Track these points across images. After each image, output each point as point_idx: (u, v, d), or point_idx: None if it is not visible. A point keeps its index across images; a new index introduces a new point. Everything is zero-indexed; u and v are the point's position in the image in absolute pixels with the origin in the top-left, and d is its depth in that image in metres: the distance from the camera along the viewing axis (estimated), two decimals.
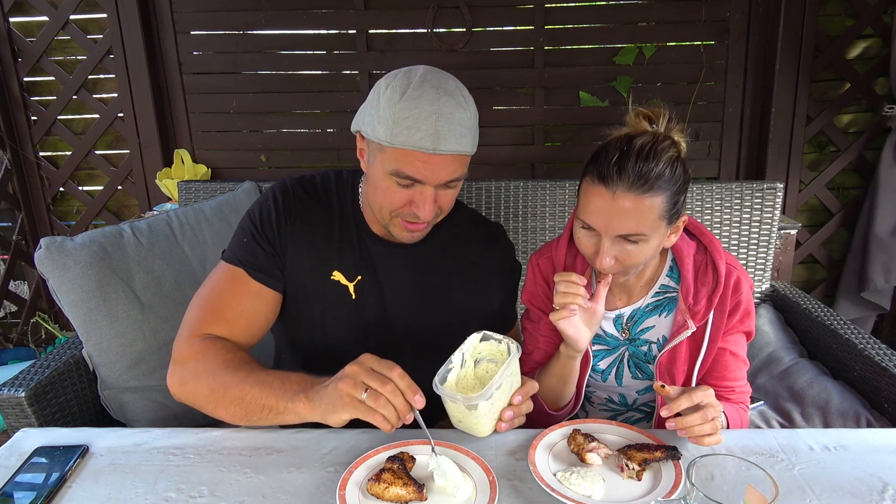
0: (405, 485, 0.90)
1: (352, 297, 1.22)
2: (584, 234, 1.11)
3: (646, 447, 0.99)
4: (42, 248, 1.45)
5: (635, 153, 1.03)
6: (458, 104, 1.05)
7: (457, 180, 1.09)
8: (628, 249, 1.07)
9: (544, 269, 1.28)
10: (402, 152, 1.03)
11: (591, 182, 1.07)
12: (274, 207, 1.19)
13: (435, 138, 1.02)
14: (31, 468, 0.99)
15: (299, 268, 1.20)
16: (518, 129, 2.79)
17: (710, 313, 1.16)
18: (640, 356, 1.25)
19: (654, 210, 1.04)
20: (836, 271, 2.85)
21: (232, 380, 1.06)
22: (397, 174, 1.06)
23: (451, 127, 1.03)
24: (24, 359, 2.84)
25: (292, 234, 1.19)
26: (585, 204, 1.09)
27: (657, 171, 1.03)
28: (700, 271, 1.19)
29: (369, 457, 1.00)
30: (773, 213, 1.98)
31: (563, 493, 0.91)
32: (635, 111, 1.12)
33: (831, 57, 2.58)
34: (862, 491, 0.94)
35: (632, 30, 2.64)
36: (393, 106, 1.03)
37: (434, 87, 1.04)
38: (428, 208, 1.08)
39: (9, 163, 2.80)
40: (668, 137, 1.07)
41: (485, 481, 0.94)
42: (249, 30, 2.70)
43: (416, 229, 1.13)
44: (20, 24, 2.73)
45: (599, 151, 1.08)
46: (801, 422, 1.65)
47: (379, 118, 1.05)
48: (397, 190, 1.08)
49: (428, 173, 1.05)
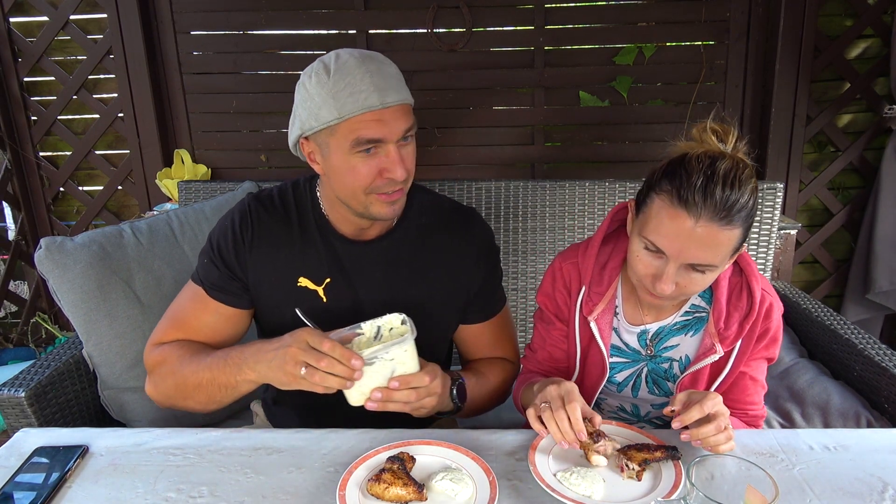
0: (405, 485, 0.90)
1: (322, 300, 1.22)
2: (647, 255, 1.05)
3: (646, 447, 0.99)
4: (42, 248, 1.46)
5: (721, 180, 0.97)
6: (381, 61, 1.08)
7: (409, 130, 1.10)
8: (693, 277, 1.03)
9: (567, 275, 1.23)
10: (355, 120, 1.04)
11: (670, 204, 0.99)
12: (231, 230, 1.22)
13: (379, 93, 1.03)
14: (31, 468, 0.99)
15: (265, 283, 1.22)
16: (518, 129, 2.79)
17: (739, 339, 1.12)
18: (659, 372, 1.21)
19: (731, 242, 1.00)
20: (837, 272, 2.85)
21: (189, 370, 1.13)
22: (357, 143, 1.06)
23: (388, 80, 1.05)
24: (24, 359, 2.84)
25: (251, 253, 1.21)
26: (658, 225, 1.01)
27: (742, 203, 0.97)
28: (734, 294, 1.14)
29: (369, 457, 1.00)
30: (773, 213, 1.98)
31: (563, 494, 0.91)
32: (703, 125, 1.05)
33: (831, 57, 2.58)
34: (862, 491, 0.94)
35: (632, 30, 2.64)
36: (325, 86, 1.05)
37: (351, 55, 1.07)
38: (399, 167, 1.08)
39: (9, 163, 2.80)
40: (747, 164, 1.02)
41: (485, 481, 0.94)
42: (249, 30, 2.70)
43: (395, 198, 1.13)
44: (20, 24, 2.73)
45: (677, 171, 1.01)
46: (802, 422, 1.65)
47: (317, 105, 1.06)
48: (363, 163, 1.07)
49: (385, 130, 1.05)
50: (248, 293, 1.23)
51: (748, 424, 1.20)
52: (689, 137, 1.07)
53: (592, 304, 1.19)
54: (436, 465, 0.99)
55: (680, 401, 1.00)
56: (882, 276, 2.59)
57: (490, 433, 1.10)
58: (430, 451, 1.02)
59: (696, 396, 1.00)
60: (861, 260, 2.70)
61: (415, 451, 1.01)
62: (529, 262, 2.02)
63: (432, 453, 1.02)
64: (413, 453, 1.00)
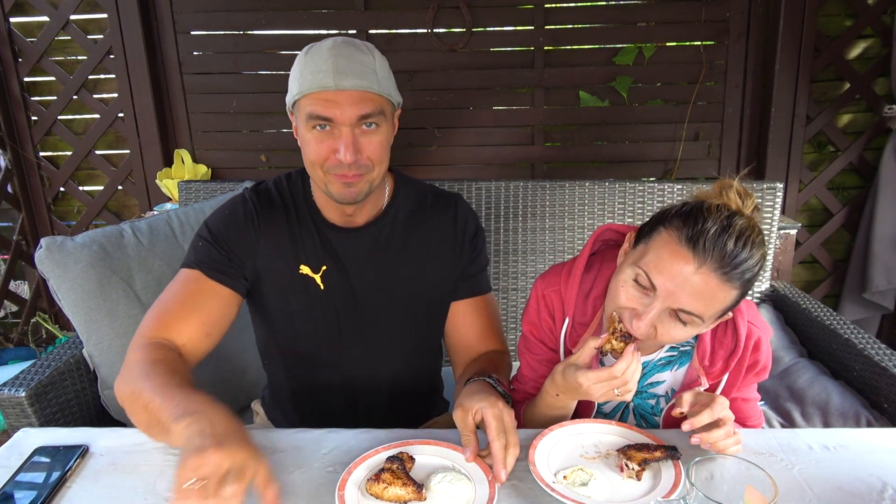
0: (404, 485, 0.90)
1: (320, 287, 1.24)
2: (634, 288, 0.99)
3: (645, 447, 0.99)
4: (42, 247, 1.45)
5: (735, 234, 0.93)
6: (358, 48, 1.11)
7: (369, 117, 1.10)
8: (672, 326, 0.98)
9: (550, 302, 1.18)
10: (311, 96, 1.09)
11: (677, 242, 0.95)
12: (234, 218, 1.23)
13: (335, 75, 1.07)
14: (32, 468, 0.99)
15: (270, 271, 1.23)
16: (518, 129, 2.79)
17: (725, 374, 1.10)
18: (646, 409, 1.19)
19: (725, 300, 0.96)
20: (837, 272, 2.85)
21: (147, 385, 0.99)
22: (310, 117, 1.10)
23: (351, 64, 1.08)
24: (24, 359, 2.84)
25: (259, 242, 1.22)
26: (658, 259, 0.96)
27: (748, 265, 0.94)
28: (719, 330, 1.10)
29: (369, 457, 1.00)
30: (772, 213, 1.98)
31: (563, 493, 0.91)
32: (730, 182, 1.00)
33: (831, 57, 2.58)
34: (862, 491, 0.94)
35: (632, 30, 2.64)
36: (300, 62, 1.12)
37: (335, 41, 1.12)
38: (348, 151, 1.09)
39: (9, 163, 2.80)
40: (761, 232, 0.98)
41: (484, 482, 0.94)
42: (249, 30, 2.71)
43: (351, 181, 1.14)
44: (20, 24, 2.74)
45: (693, 213, 0.97)
46: (801, 422, 1.65)
47: (292, 79, 1.13)
48: (315, 140, 1.11)
49: (336, 111, 1.08)
50: (245, 280, 1.23)
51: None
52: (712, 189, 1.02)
53: (577, 335, 1.15)
54: (435, 465, 0.99)
55: (687, 401, 0.99)
56: (879, 275, 2.60)
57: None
58: (430, 452, 1.02)
59: (702, 398, 0.99)
60: (859, 259, 2.71)
61: (414, 451, 1.01)
62: (529, 262, 2.02)
63: (432, 453, 1.02)
64: (413, 453, 1.00)
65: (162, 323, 1.15)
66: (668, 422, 1.18)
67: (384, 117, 1.14)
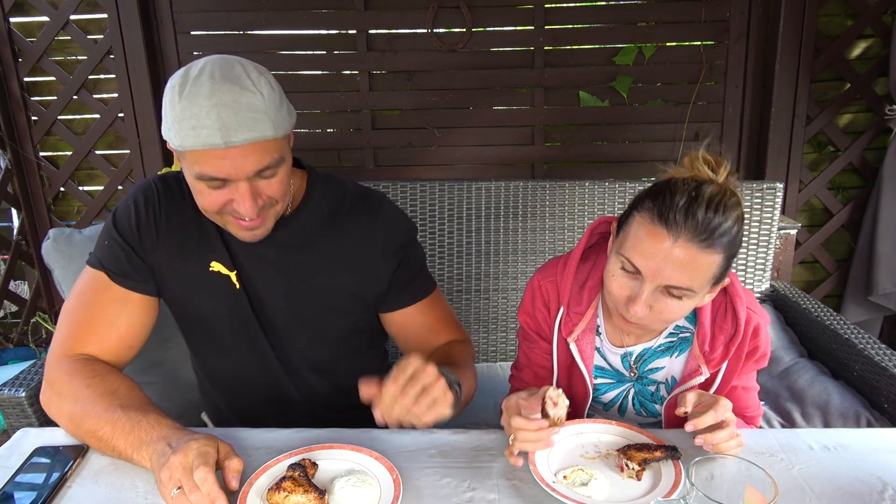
0: (305, 492, 0.88)
1: (236, 286, 1.16)
2: (622, 275, 1.01)
3: (646, 447, 0.99)
4: (50, 238, 1.46)
5: (705, 202, 0.94)
6: (244, 88, 0.96)
7: (268, 168, 1.00)
8: (668, 303, 0.99)
9: (545, 292, 1.20)
10: (197, 154, 0.96)
11: (650, 221, 0.97)
12: (134, 210, 1.14)
13: (223, 132, 0.93)
14: (31, 468, 0.99)
15: (174, 267, 1.15)
16: (518, 129, 2.79)
17: (725, 360, 1.11)
18: (646, 395, 1.20)
19: (710, 268, 0.97)
20: (837, 272, 2.85)
21: (89, 410, 1.00)
22: (201, 177, 0.99)
23: (239, 115, 0.94)
24: (24, 359, 2.84)
25: (158, 234, 1.14)
26: (636, 243, 0.98)
27: (724, 228, 0.95)
28: (719, 316, 1.11)
29: (271, 465, 0.97)
30: (772, 213, 1.98)
31: (564, 493, 0.91)
32: (696, 154, 1.02)
33: (831, 57, 2.58)
34: (862, 491, 0.94)
35: (632, 30, 2.64)
36: (174, 108, 0.96)
37: (211, 77, 0.95)
38: (248, 204, 1.00)
39: (9, 163, 2.80)
40: (734, 194, 0.99)
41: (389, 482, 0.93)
42: (249, 30, 2.70)
43: (252, 226, 1.05)
44: (20, 24, 2.73)
45: (661, 190, 0.99)
46: (802, 422, 1.65)
47: (167, 123, 0.99)
48: (210, 192, 1.01)
49: (231, 169, 0.97)
50: (153, 278, 1.15)
51: (747, 424, 1.20)
52: (681, 164, 1.04)
53: (572, 324, 1.17)
54: (340, 469, 0.97)
55: (691, 402, 0.99)
56: (885, 278, 2.58)
57: (490, 433, 1.10)
58: (337, 455, 1.00)
59: (706, 399, 0.99)
60: (862, 262, 2.70)
61: (320, 455, 0.99)
62: (529, 261, 2.02)
63: (337, 457, 0.99)
64: (317, 459, 0.98)
65: (79, 339, 1.10)
66: (669, 416, 1.19)
67: (283, 158, 1.03)
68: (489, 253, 2.02)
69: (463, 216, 2.00)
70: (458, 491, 0.95)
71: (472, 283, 2.04)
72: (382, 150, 2.81)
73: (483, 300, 2.05)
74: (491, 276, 2.03)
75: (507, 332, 2.08)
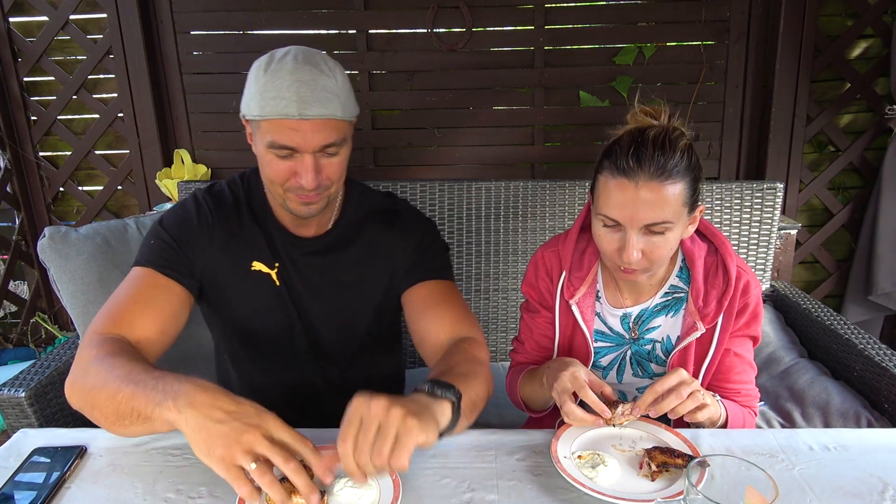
0: None
1: (276, 283, 1.25)
2: (606, 231, 1.10)
3: (669, 451, 0.98)
4: (46, 236, 1.45)
5: (650, 143, 1.04)
6: (322, 72, 1.07)
7: (333, 145, 1.10)
8: (654, 241, 1.07)
9: (548, 262, 1.28)
10: (273, 123, 1.07)
11: (611, 176, 1.07)
12: (186, 218, 1.23)
13: (299, 104, 1.05)
14: (30, 468, 0.99)
15: (221, 265, 1.23)
16: (518, 129, 2.79)
17: (719, 316, 1.16)
18: (643, 354, 1.25)
19: (677, 197, 1.05)
20: (838, 272, 2.85)
21: (111, 375, 0.95)
22: (272, 145, 1.08)
23: (315, 92, 1.06)
24: (24, 359, 2.84)
25: (211, 243, 1.22)
26: (606, 199, 1.08)
27: (675, 160, 1.04)
28: (710, 273, 1.18)
29: None
30: (773, 213, 1.98)
31: (565, 468, 0.93)
32: (636, 109, 1.12)
33: (831, 57, 2.58)
34: (862, 491, 0.94)
35: (632, 30, 2.64)
36: (259, 81, 1.08)
37: (294, 58, 1.07)
38: (309, 177, 1.09)
39: (8, 163, 2.80)
40: (678, 129, 1.08)
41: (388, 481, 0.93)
42: (249, 30, 2.70)
43: (310, 200, 1.15)
44: (20, 24, 2.74)
45: (612, 147, 1.08)
46: (802, 422, 1.65)
47: (250, 95, 1.10)
48: (278, 162, 1.10)
49: (300, 140, 1.07)
50: (195, 280, 1.22)
51: (745, 406, 1.21)
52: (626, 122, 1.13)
53: (574, 288, 1.24)
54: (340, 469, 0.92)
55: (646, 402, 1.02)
56: (885, 277, 2.59)
57: (491, 433, 1.10)
58: None
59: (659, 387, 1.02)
60: (862, 261, 2.70)
61: None
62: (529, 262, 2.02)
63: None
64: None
65: (114, 319, 1.10)
66: None
67: (346, 140, 1.14)
68: (489, 253, 2.02)
69: (463, 216, 2.00)
70: (458, 491, 0.95)
71: (472, 283, 2.04)
72: (382, 150, 2.82)
73: (483, 300, 2.05)
74: (491, 276, 2.03)
75: (507, 333, 2.08)
